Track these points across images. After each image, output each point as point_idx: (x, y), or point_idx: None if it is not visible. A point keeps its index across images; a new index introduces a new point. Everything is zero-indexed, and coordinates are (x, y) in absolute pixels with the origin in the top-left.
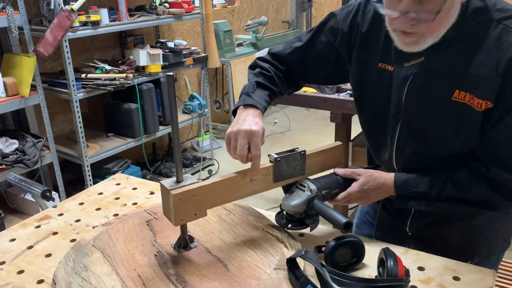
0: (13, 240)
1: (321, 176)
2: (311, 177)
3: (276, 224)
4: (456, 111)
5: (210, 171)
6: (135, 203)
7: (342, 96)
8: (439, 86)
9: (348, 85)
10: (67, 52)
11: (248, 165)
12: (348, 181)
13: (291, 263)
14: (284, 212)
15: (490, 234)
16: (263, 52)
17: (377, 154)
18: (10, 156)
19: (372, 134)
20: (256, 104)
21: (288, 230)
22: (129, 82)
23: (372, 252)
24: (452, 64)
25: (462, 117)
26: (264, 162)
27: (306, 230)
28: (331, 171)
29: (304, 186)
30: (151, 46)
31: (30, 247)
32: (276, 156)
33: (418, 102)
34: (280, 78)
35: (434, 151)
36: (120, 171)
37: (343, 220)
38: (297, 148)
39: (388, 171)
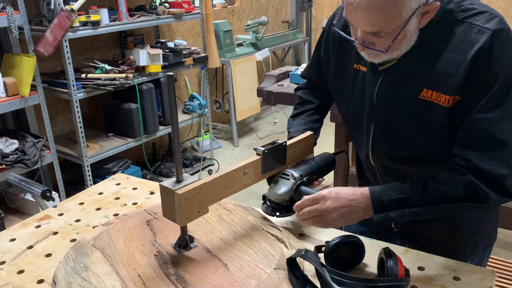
0: (13, 240)
1: (298, 164)
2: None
3: (265, 214)
4: (424, 110)
5: (210, 171)
6: (135, 203)
7: None
8: (408, 85)
9: None
10: (67, 52)
11: (242, 160)
12: (323, 167)
13: (291, 263)
14: (268, 202)
15: (474, 230)
16: (263, 52)
17: (358, 151)
18: (10, 156)
19: (352, 132)
20: (292, 134)
21: (281, 224)
22: (129, 82)
23: (372, 252)
24: (420, 64)
25: (430, 116)
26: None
27: (307, 230)
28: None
29: (288, 175)
30: (151, 46)
31: (30, 247)
32: (263, 149)
33: (388, 102)
34: (316, 93)
35: (407, 149)
36: (120, 171)
37: None
38: (278, 140)
39: (368, 169)
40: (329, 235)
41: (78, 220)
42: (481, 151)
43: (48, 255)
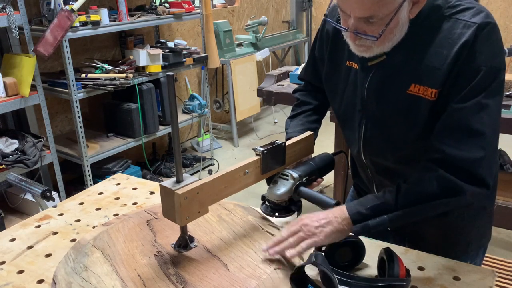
0: (13, 240)
1: (297, 164)
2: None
3: (264, 214)
4: (411, 105)
5: (210, 171)
6: (135, 203)
7: None
8: (397, 81)
9: None
10: (67, 52)
11: (242, 160)
12: (322, 167)
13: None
14: (267, 203)
15: (467, 230)
16: (263, 52)
17: (350, 148)
18: (10, 156)
19: (344, 130)
20: (290, 135)
21: (277, 219)
22: (129, 82)
23: (372, 252)
24: (409, 59)
25: (417, 111)
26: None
27: None
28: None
29: (287, 175)
30: (151, 46)
31: (30, 247)
32: (262, 149)
33: (377, 98)
34: (314, 94)
35: (396, 145)
36: (120, 171)
37: (332, 201)
38: (277, 140)
39: (360, 166)
40: None
41: (78, 220)
42: (456, 140)
43: (48, 255)
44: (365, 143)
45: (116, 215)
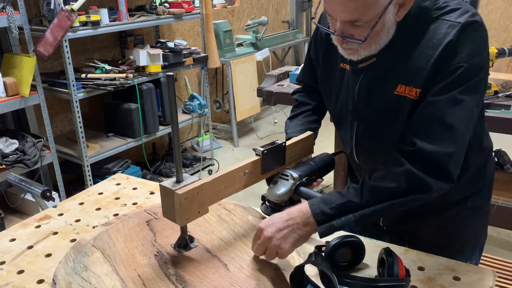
0: (13, 240)
1: (297, 164)
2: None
3: (264, 214)
4: (397, 105)
5: (210, 171)
6: (135, 203)
7: None
8: (385, 82)
9: None
10: (67, 52)
11: (242, 160)
12: (322, 167)
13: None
14: (267, 203)
15: (461, 230)
16: (263, 52)
17: (344, 149)
18: (10, 156)
19: (339, 130)
20: (290, 135)
21: None
22: (129, 82)
23: (372, 252)
24: (397, 60)
25: (402, 111)
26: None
27: None
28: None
29: (287, 175)
30: (151, 46)
31: (30, 247)
32: (262, 149)
33: (367, 99)
34: (312, 94)
35: (386, 145)
36: (120, 171)
37: None
38: (277, 140)
39: (354, 166)
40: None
41: (78, 220)
42: (428, 133)
43: (48, 255)
44: (357, 144)
45: (116, 215)
